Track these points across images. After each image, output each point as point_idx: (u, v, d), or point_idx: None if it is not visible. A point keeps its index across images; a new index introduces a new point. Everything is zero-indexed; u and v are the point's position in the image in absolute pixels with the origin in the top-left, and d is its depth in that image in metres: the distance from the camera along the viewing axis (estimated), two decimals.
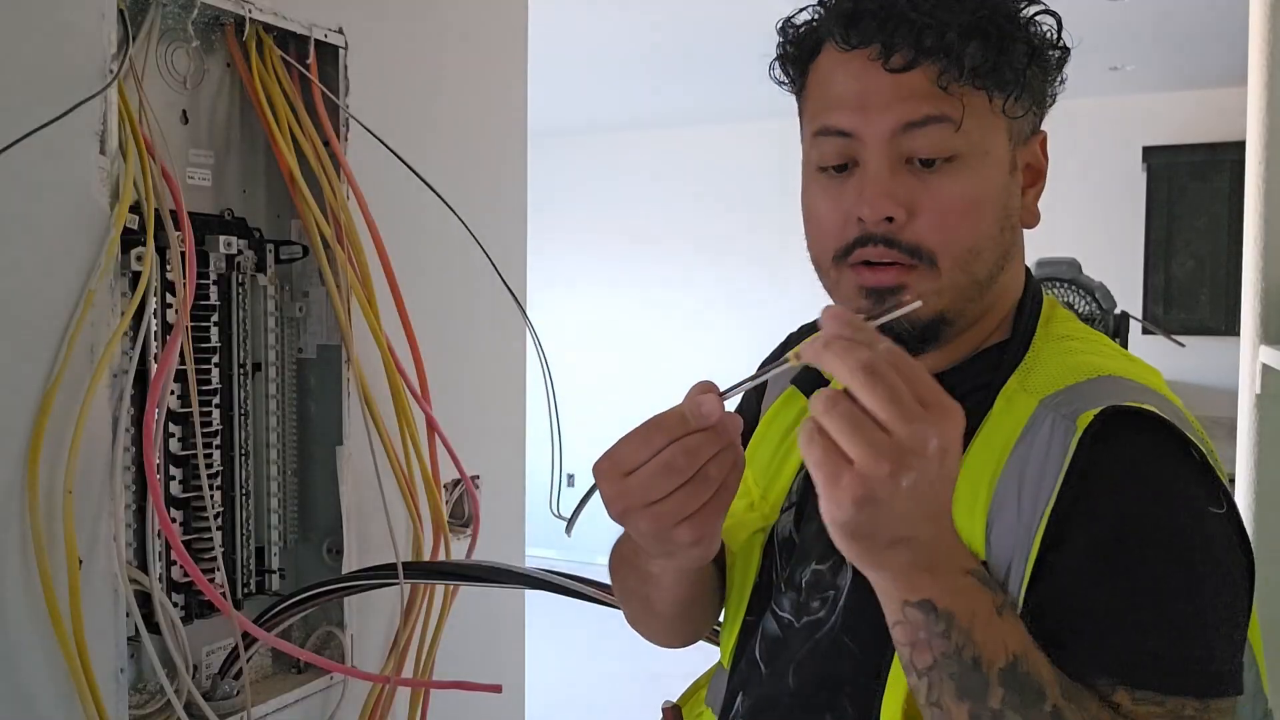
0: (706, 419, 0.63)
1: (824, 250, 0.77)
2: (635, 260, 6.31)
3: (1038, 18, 0.78)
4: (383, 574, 1.18)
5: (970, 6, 0.73)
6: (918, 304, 0.64)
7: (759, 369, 0.70)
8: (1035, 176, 0.79)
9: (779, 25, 0.84)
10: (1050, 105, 0.80)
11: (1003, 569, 0.67)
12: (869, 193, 0.73)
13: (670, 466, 0.63)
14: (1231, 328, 4.80)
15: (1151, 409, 0.67)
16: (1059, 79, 0.81)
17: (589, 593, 1.15)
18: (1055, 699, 0.62)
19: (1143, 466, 0.66)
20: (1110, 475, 0.66)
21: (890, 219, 0.73)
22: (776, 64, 0.84)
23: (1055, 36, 0.80)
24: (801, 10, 0.80)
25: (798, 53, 0.81)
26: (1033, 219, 0.79)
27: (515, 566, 1.21)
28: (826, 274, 0.78)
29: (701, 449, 0.63)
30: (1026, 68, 0.75)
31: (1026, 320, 0.78)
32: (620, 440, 0.66)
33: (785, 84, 0.85)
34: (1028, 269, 0.82)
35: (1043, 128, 0.79)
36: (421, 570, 1.23)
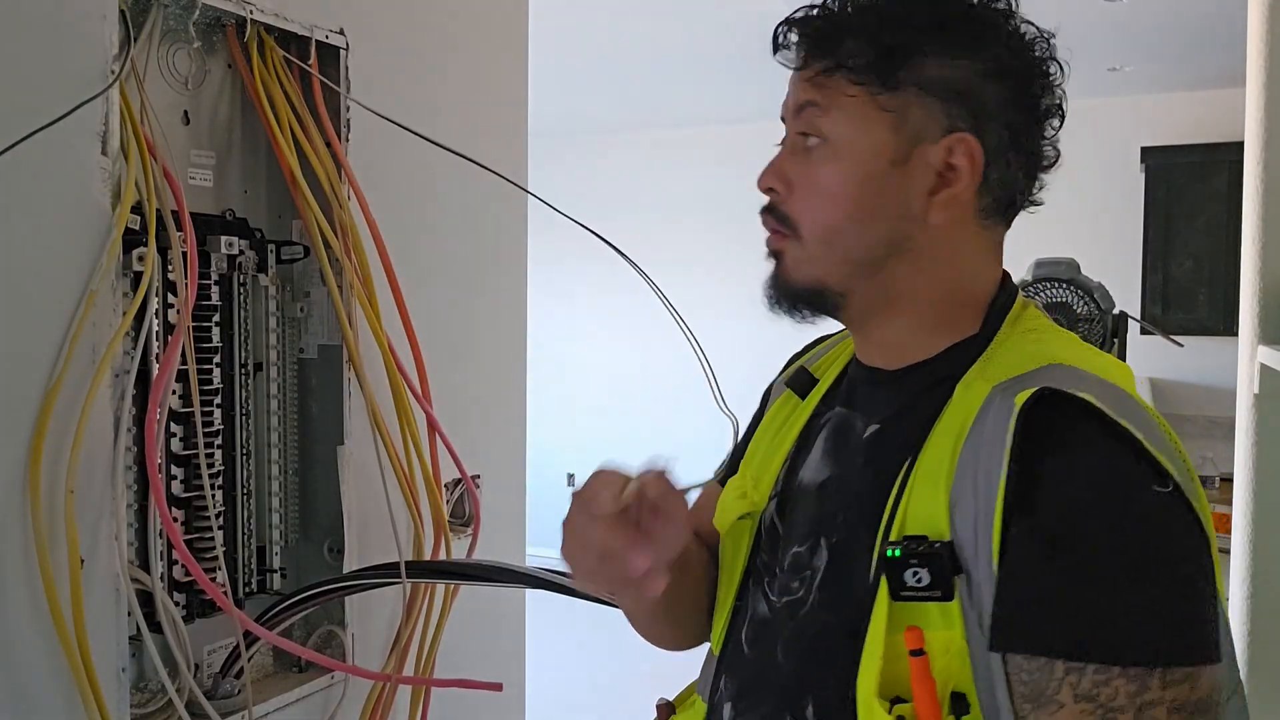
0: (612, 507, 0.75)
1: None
2: (638, 259, 6.30)
3: (960, 29, 0.80)
4: (385, 573, 1.18)
5: (863, 11, 0.80)
6: None
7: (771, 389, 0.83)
8: (942, 180, 0.79)
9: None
10: (981, 111, 0.79)
11: (969, 549, 0.70)
12: (767, 169, 0.86)
13: (603, 556, 0.76)
14: (1230, 328, 4.80)
15: (1085, 397, 0.69)
16: (985, 83, 0.79)
17: (593, 593, 1.15)
18: None
19: (1075, 450, 0.69)
20: (1046, 461, 0.69)
21: (772, 191, 0.84)
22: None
23: (1006, 40, 0.81)
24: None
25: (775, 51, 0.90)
26: (937, 218, 0.79)
27: (517, 566, 1.21)
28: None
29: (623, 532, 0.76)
30: (900, 68, 0.78)
31: (995, 316, 0.82)
32: (565, 530, 0.78)
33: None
34: (1007, 273, 0.85)
35: (968, 132, 0.78)
36: (424, 569, 1.23)
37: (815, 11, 0.82)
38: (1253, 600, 1.42)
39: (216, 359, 1.15)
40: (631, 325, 6.33)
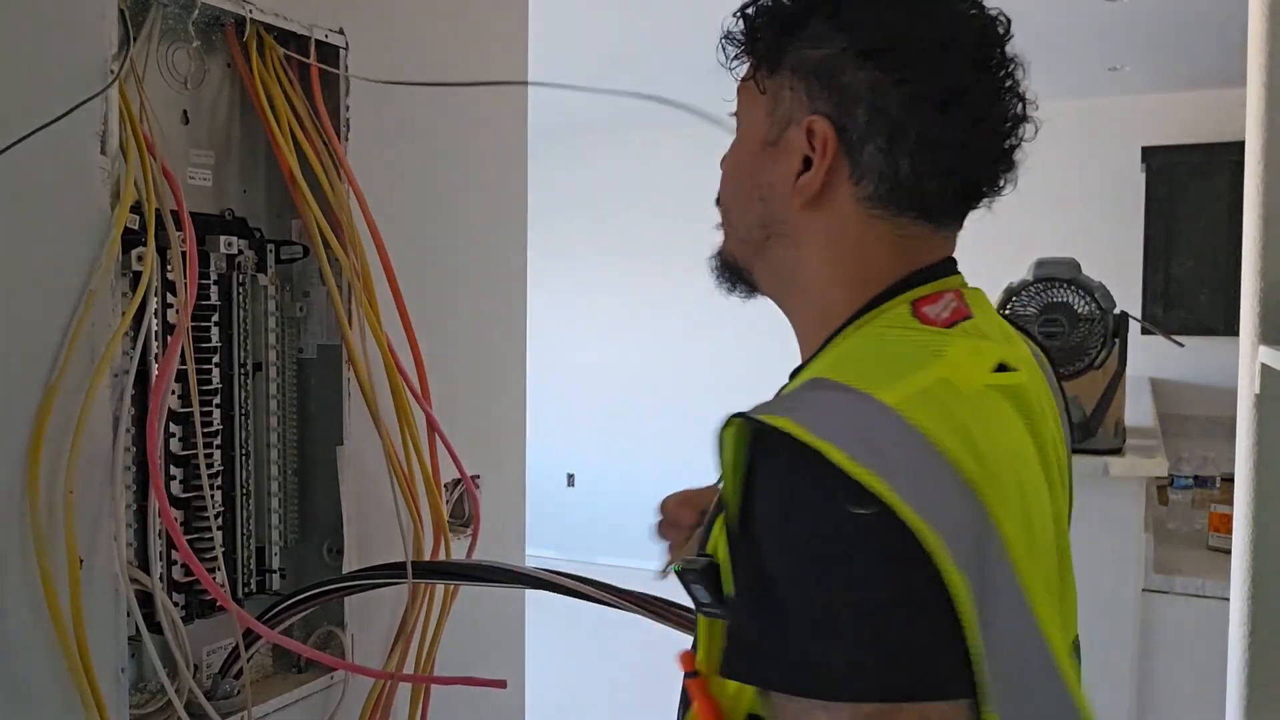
0: None
1: None
2: (637, 260, 6.30)
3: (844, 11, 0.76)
4: (388, 573, 1.18)
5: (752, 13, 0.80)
6: None
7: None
8: (801, 162, 0.76)
9: None
10: (842, 93, 0.75)
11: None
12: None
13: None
14: (1231, 328, 4.80)
15: (777, 423, 0.64)
16: (851, 65, 0.74)
17: (593, 593, 1.15)
18: None
19: (765, 484, 0.65)
20: (750, 494, 0.65)
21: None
22: None
23: (837, 21, 0.75)
24: None
25: None
26: (796, 201, 0.77)
27: (518, 567, 1.21)
28: None
29: None
30: (782, 51, 0.76)
31: (856, 315, 0.77)
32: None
33: None
34: (930, 268, 0.78)
35: (822, 115, 0.75)
36: (428, 570, 1.23)
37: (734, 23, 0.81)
38: (1253, 600, 1.42)
39: (216, 359, 1.15)
40: (632, 325, 6.33)
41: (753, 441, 0.65)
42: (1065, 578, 0.77)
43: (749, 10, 0.79)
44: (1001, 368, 0.73)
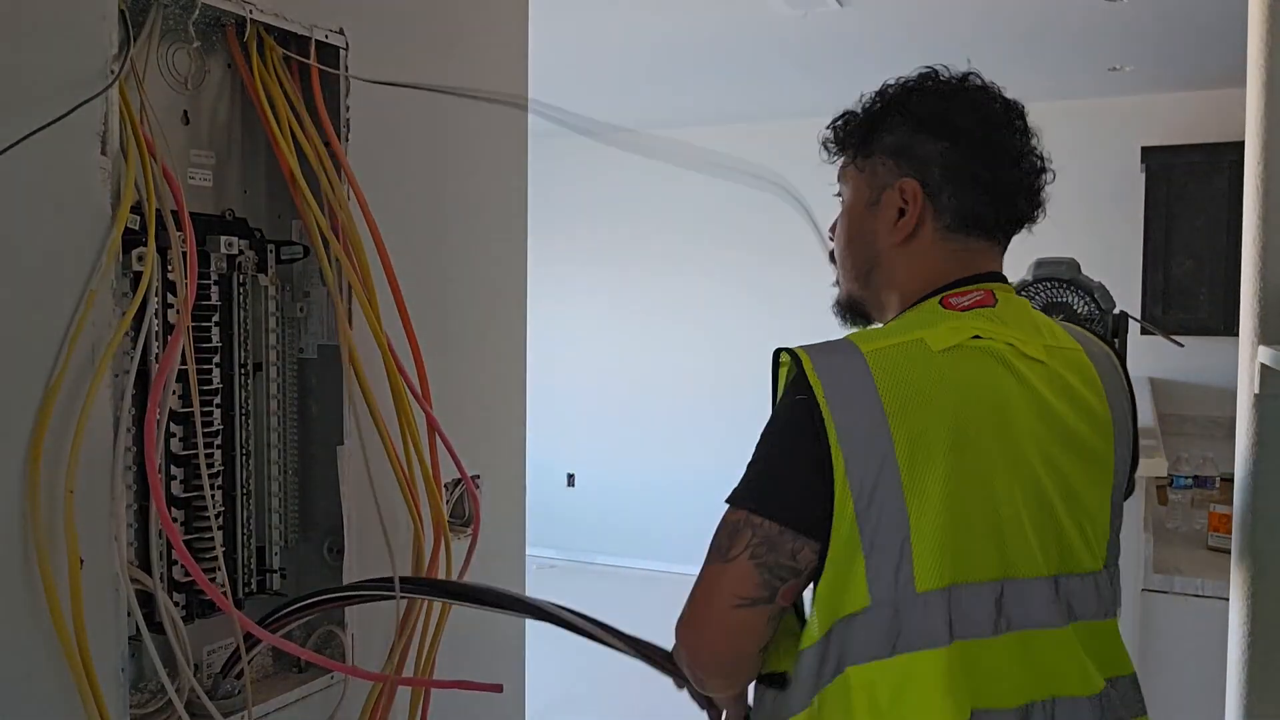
0: None
1: None
2: (637, 261, 6.30)
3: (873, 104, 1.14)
4: (383, 586, 1.18)
5: (851, 112, 1.17)
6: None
7: None
8: (896, 212, 1.11)
9: None
10: (898, 154, 1.11)
11: None
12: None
13: None
14: (1230, 328, 4.79)
15: (784, 349, 1.02)
16: (940, 128, 1.10)
17: (569, 620, 1.12)
18: None
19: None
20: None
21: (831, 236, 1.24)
22: None
23: (928, 105, 1.11)
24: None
25: None
26: (896, 238, 1.11)
27: (519, 594, 1.20)
28: None
29: None
30: (870, 145, 1.13)
31: (902, 308, 1.12)
32: None
33: None
34: (984, 274, 1.12)
35: (910, 177, 1.10)
36: (417, 586, 1.23)
37: (830, 126, 1.19)
38: (1253, 600, 1.42)
39: (216, 359, 1.15)
40: (632, 325, 6.33)
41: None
42: (1055, 514, 1.02)
43: (838, 123, 1.17)
44: (1012, 346, 1.03)
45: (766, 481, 0.98)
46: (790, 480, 0.97)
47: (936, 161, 1.09)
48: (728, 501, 0.98)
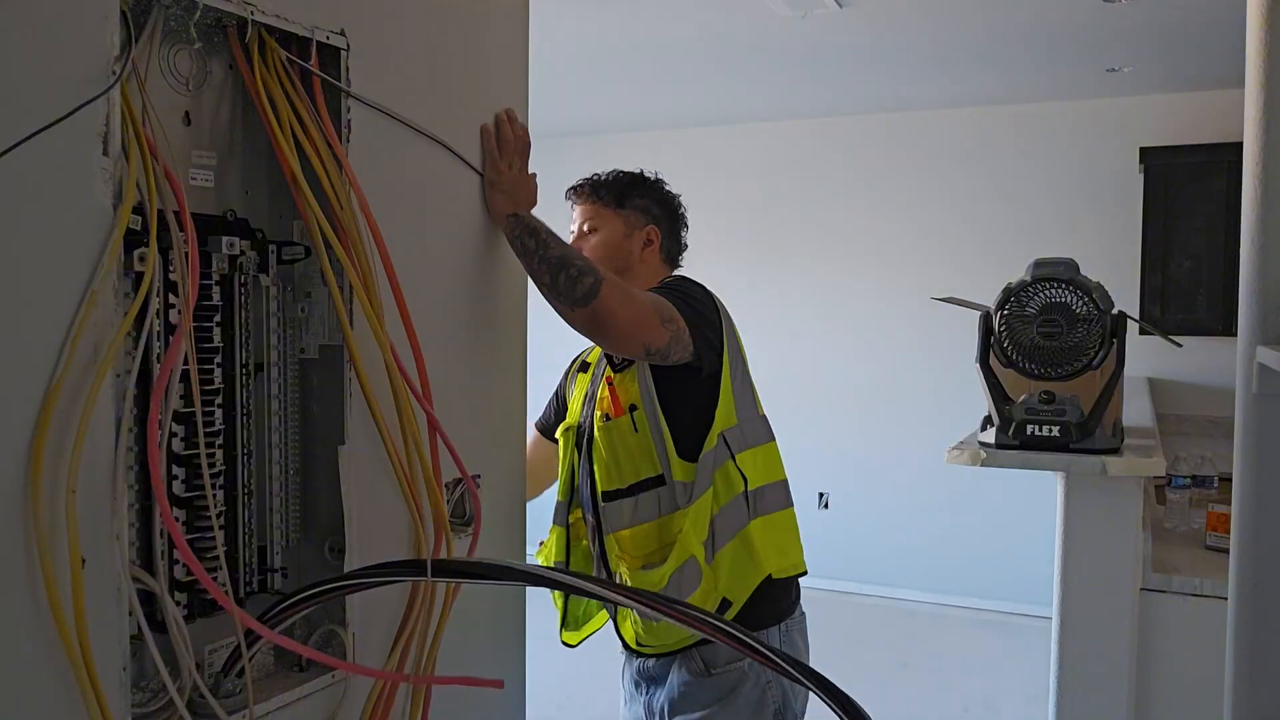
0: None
1: None
2: None
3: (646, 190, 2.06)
4: (399, 571, 1.19)
5: (607, 184, 2.03)
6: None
7: None
8: (647, 244, 2.02)
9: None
10: (654, 221, 2.05)
11: None
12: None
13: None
14: (1228, 328, 4.80)
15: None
16: (655, 212, 2.05)
17: (599, 592, 1.15)
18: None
19: (681, 278, 1.95)
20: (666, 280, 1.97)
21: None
22: None
23: (661, 197, 2.07)
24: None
25: None
26: (644, 259, 2.03)
27: (524, 565, 1.21)
28: None
29: None
30: (624, 201, 2.02)
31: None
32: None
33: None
34: (669, 279, 1.96)
35: (651, 225, 2.03)
36: (448, 569, 1.22)
37: (585, 184, 2.04)
38: (1253, 600, 1.43)
39: (217, 359, 1.15)
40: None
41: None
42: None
43: (603, 187, 2.03)
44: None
45: (694, 313, 1.79)
46: (707, 318, 1.83)
47: (661, 220, 2.06)
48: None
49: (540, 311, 1.72)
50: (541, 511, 1.92)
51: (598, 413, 1.85)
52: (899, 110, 5.68)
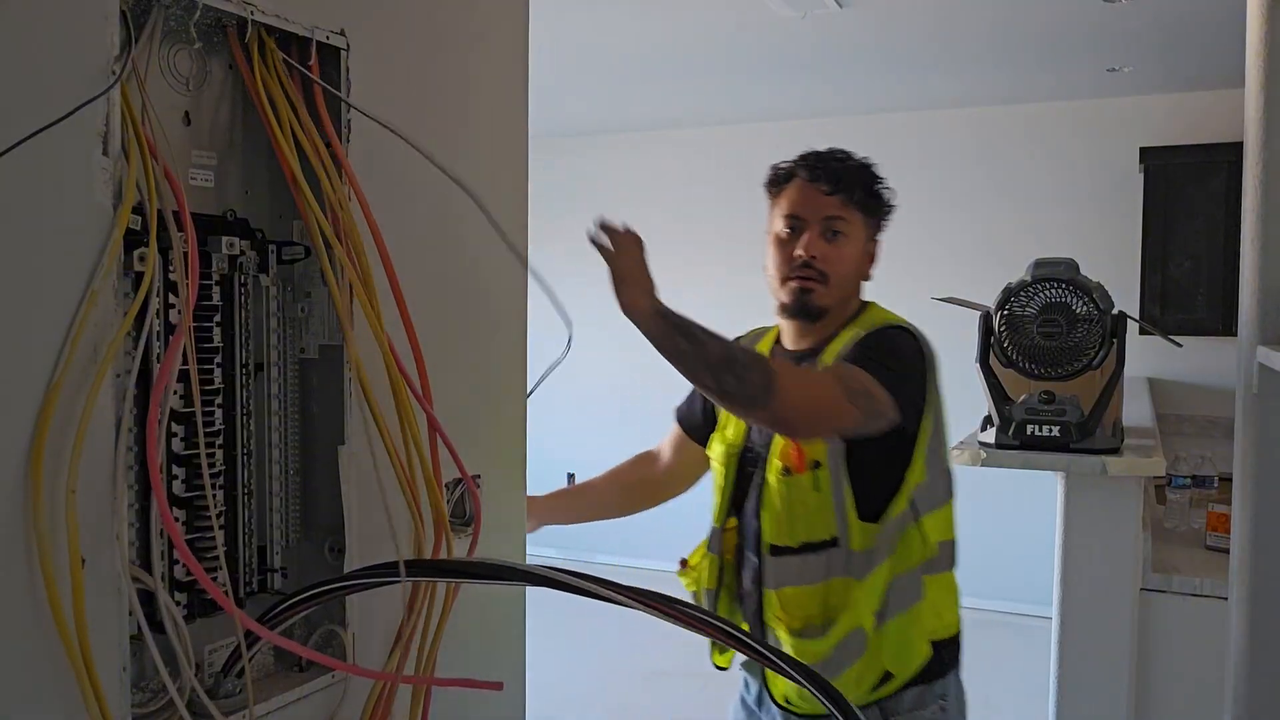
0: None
1: (779, 271, 1.85)
2: None
3: (885, 190, 1.84)
4: (386, 572, 1.18)
5: (862, 174, 1.80)
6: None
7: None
8: (872, 258, 1.87)
9: (772, 165, 1.91)
10: (881, 229, 1.87)
11: None
12: (808, 244, 1.79)
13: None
14: (1228, 328, 4.80)
15: (889, 322, 1.77)
16: (886, 218, 1.87)
17: (594, 590, 1.15)
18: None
19: (885, 332, 1.74)
20: (865, 338, 1.73)
21: (814, 257, 1.78)
22: (766, 182, 1.93)
23: (889, 199, 1.85)
24: (782, 161, 1.88)
25: (777, 178, 1.88)
26: (869, 275, 1.86)
27: (520, 564, 1.21)
28: (778, 284, 1.85)
29: None
30: (876, 208, 1.82)
31: (859, 314, 1.83)
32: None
33: (770, 192, 1.91)
34: (874, 332, 1.78)
35: (877, 238, 1.89)
36: (427, 568, 1.23)
37: (839, 169, 1.78)
38: (1253, 600, 1.43)
39: (217, 359, 1.15)
40: (632, 325, 6.33)
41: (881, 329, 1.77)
42: None
43: (856, 180, 1.80)
44: None
45: (901, 375, 1.68)
46: (913, 378, 1.72)
47: (881, 232, 1.88)
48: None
49: (540, 311, 1.72)
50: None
51: (775, 460, 1.67)
52: (899, 110, 5.67)
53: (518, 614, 1.66)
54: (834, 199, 1.75)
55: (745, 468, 1.79)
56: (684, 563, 1.90)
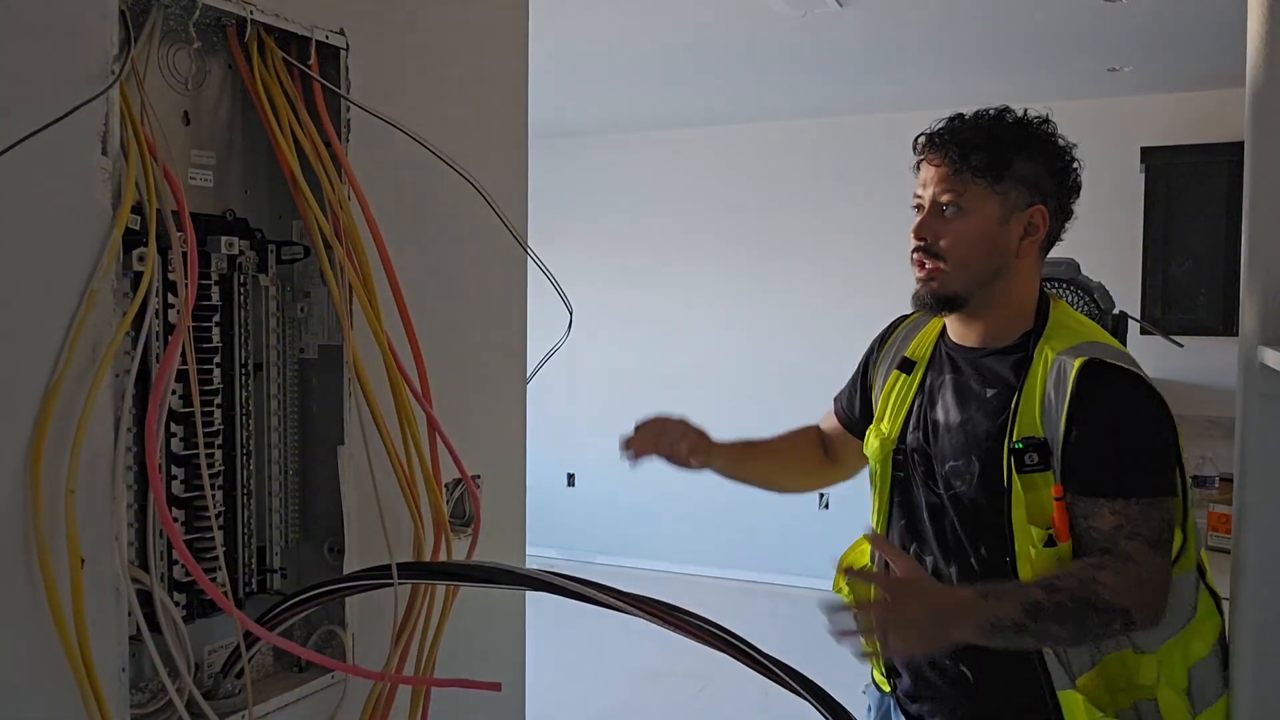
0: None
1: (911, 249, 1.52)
2: (637, 260, 6.31)
3: (1032, 144, 1.47)
4: (382, 574, 1.18)
5: (979, 135, 1.46)
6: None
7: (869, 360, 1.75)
8: (1031, 230, 1.47)
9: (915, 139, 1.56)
10: (1043, 191, 1.47)
11: (1051, 443, 1.38)
12: (919, 225, 1.49)
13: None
14: (1229, 328, 4.79)
15: (1111, 361, 1.38)
16: (1064, 173, 1.49)
17: (588, 594, 1.14)
18: (1053, 600, 1.28)
19: (1113, 391, 1.38)
20: (1093, 397, 1.36)
21: (924, 239, 1.49)
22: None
23: (1050, 153, 1.48)
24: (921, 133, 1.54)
25: (914, 154, 1.54)
26: (1022, 251, 1.47)
27: (514, 567, 1.20)
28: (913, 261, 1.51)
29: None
30: (1006, 169, 1.44)
31: (1043, 312, 1.49)
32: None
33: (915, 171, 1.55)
34: (1042, 286, 1.52)
35: (1039, 204, 1.47)
36: (419, 570, 1.23)
37: (948, 135, 1.47)
38: (1253, 600, 1.42)
39: (216, 359, 1.15)
40: (632, 324, 6.33)
41: (1089, 373, 1.38)
42: None
43: (963, 139, 1.46)
44: None
45: (1164, 469, 1.39)
46: (1171, 467, 1.40)
47: (1054, 196, 1.47)
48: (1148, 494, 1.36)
49: (540, 311, 1.72)
50: (542, 512, 1.87)
51: (1034, 529, 1.38)
52: (899, 110, 5.67)
53: (517, 614, 1.65)
54: (943, 170, 1.47)
55: (899, 470, 1.56)
56: (872, 534, 1.60)
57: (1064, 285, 2.35)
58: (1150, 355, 5.00)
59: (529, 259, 1.58)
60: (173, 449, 1.10)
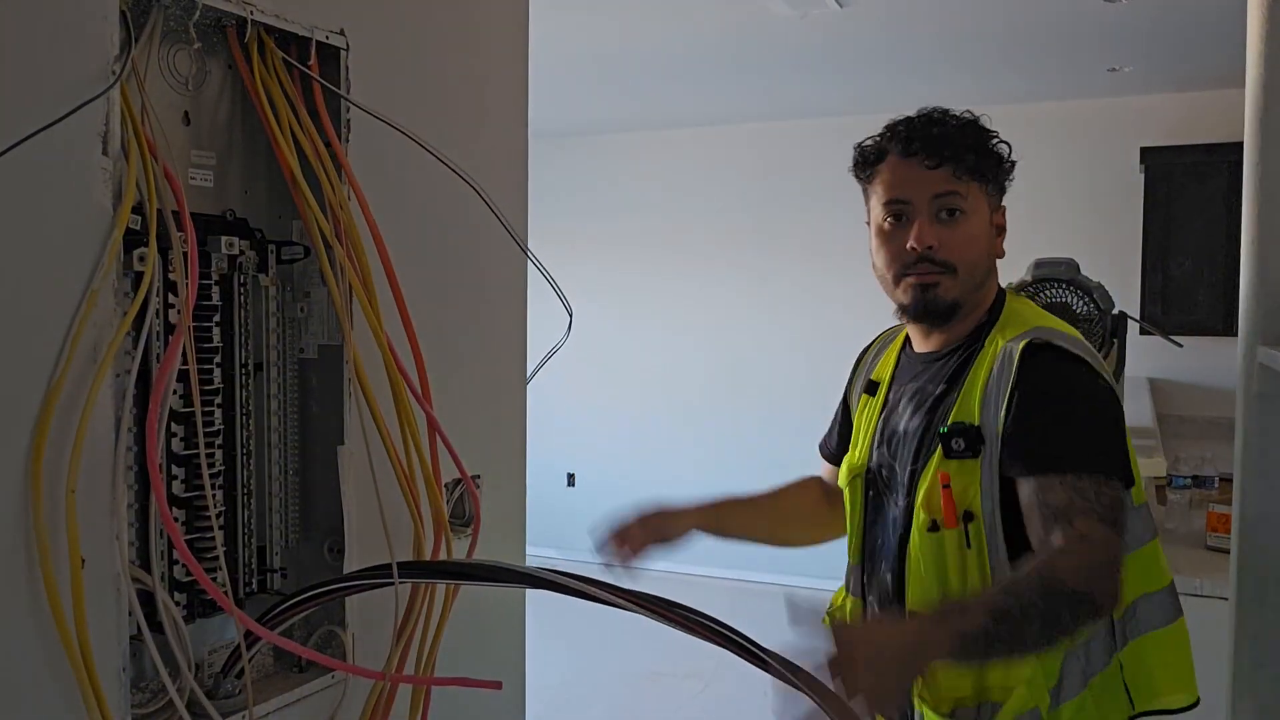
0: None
1: (889, 268, 1.43)
2: (637, 261, 6.31)
3: (1000, 145, 1.44)
4: (382, 574, 1.18)
5: (968, 135, 1.42)
6: None
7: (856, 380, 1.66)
8: (1000, 229, 1.47)
9: (856, 144, 1.50)
10: (1005, 191, 1.47)
11: (988, 430, 1.33)
12: (920, 234, 1.39)
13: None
14: (1229, 328, 4.80)
15: (1058, 343, 1.34)
16: (1009, 177, 1.47)
17: (593, 592, 1.14)
18: (1012, 604, 1.16)
19: (1059, 369, 1.32)
20: (1038, 373, 1.31)
21: (930, 247, 1.39)
22: (854, 166, 1.50)
23: (1009, 154, 1.46)
24: (867, 138, 1.48)
25: (866, 159, 1.48)
26: (1000, 252, 1.47)
27: (515, 565, 1.20)
28: (891, 283, 1.44)
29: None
30: (996, 169, 1.43)
31: (998, 306, 1.46)
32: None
33: (860, 177, 1.49)
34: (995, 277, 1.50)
35: (1003, 203, 1.47)
36: (420, 570, 1.23)
37: (941, 135, 1.40)
38: (1252, 600, 1.42)
39: (217, 359, 1.15)
40: (632, 325, 6.33)
41: (1032, 354, 1.34)
42: None
43: (967, 145, 1.40)
44: None
45: (1118, 450, 1.31)
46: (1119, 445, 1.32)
47: (1001, 194, 1.49)
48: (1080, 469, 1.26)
49: (540, 312, 1.72)
50: (542, 512, 1.87)
51: (920, 513, 1.37)
52: (899, 110, 5.68)
53: (517, 614, 1.66)
54: (940, 172, 1.38)
55: (870, 492, 1.50)
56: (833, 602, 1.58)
57: (1063, 285, 2.35)
58: (1150, 355, 5.00)
59: (529, 259, 1.58)
60: (173, 449, 1.10)
